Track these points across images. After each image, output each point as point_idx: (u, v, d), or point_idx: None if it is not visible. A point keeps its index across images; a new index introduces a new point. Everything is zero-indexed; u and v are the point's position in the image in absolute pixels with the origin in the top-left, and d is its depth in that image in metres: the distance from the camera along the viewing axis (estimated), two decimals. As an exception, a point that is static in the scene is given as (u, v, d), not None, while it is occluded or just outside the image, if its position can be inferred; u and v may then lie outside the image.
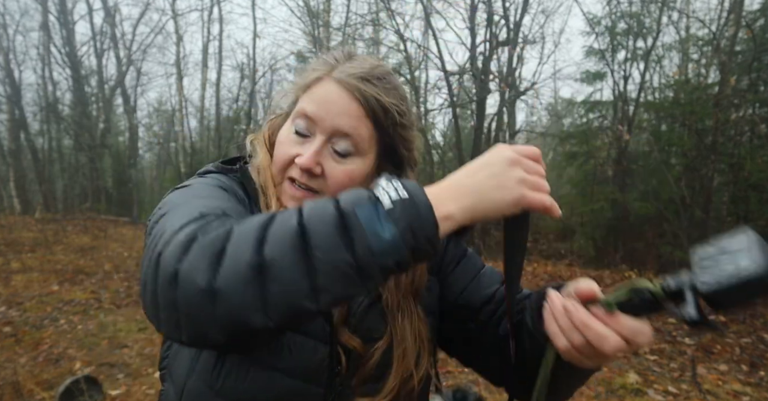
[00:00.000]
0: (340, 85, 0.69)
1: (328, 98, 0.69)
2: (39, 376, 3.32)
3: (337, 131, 0.69)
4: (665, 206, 7.80)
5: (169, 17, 17.40)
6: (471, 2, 9.68)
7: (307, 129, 0.71)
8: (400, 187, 0.51)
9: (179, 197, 0.66)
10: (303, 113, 0.71)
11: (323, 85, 0.71)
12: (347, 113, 0.69)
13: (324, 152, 0.70)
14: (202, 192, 0.68)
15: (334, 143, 0.70)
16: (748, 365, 3.50)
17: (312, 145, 0.70)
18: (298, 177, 0.70)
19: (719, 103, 7.20)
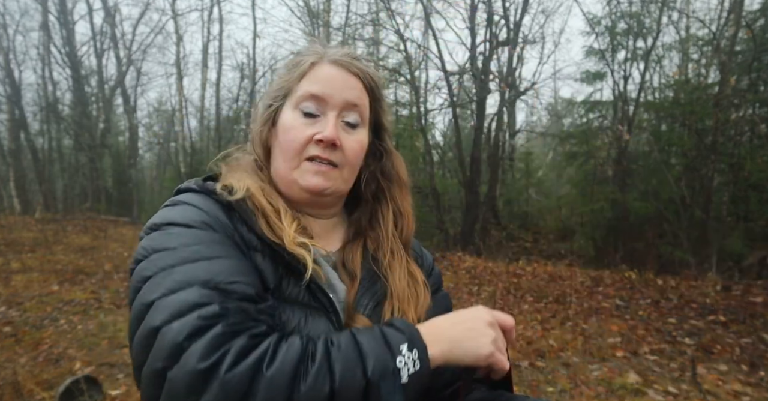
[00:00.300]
0: (338, 64, 0.76)
1: (331, 77, 0.75)
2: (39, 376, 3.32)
3: (347, 103, 0.75)
4: (665, 206, 7.81)
5: (169, 17, 17.40)
6: (471, 2, 9.69)
7: (317, 109, 0.75)
8: (416, 357, 0.60)
9: (168, 259, 0.61)
10: (310, 94, 0.74)
11: (321, 68, 0.75)
12: (352, 86, 0.76)
13: (338, 126, 0.75)
14: (195, 252, 0.62)
15: (344, 116, 0.76)
16: (748, 365, 3.49)
17: (328, 120, 0.74)
18: (321, 153, 0.73)
19: (719, 103, 7.20)
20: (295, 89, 0.76)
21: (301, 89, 0.75)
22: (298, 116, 0.75)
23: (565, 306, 5.13)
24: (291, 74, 0.77)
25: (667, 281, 6.11)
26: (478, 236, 9.62)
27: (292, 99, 0.76)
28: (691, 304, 5.01)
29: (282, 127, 0.76)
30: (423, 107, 10.92)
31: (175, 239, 0.64)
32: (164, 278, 0.59)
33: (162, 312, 0.56)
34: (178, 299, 0.56)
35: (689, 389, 3.14)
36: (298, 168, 0.74)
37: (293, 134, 0.74)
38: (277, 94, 0.78)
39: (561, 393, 3.12)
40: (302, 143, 0.74)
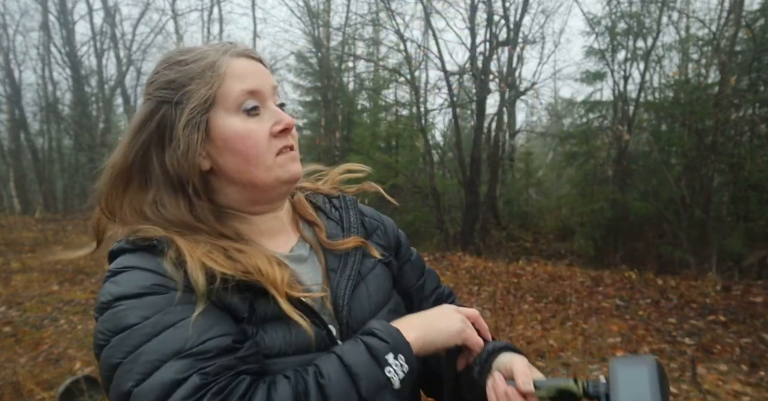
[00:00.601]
0: (243, 56, 0.72)
1: (252, 68, 0.72)
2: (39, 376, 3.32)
3: (274, 88, 0.74)
4: (665, 206, 7.81)
5: (169, 17, 17.41)
6: (471, 2, 9.69)
7: (258, 102, 0.71)
8: (403, 361, 0.65)
9: (130, 340, 0.57)
10: (246, 91, 0.70)
11: (236, 64, 0.71)
12: (266, 72, 0.74)
13: None
14: (156, 323, 0.58)
15: (276, 102, 0.74)
16: (748, 365, 3.49)
17: (273, 109, 0.72)
18: (287, 142, 0.73)
19: (719, 103, 7.20)
20: (221, 94, 0.68)
21: (234, 90, 0.69)
22: (244, 118, 0.69)
23: (565, 306, 5.13)
24: (206, 80, 0.68)
25: (667, 281, 6.11)
26: (478, 236, 9.62)
27: (225, 104, 0.69)
28: (691, 304, 5.01)
29: (232, 137, 0.68)
30: (423, 107, 10.92)
31: (131, 316, 0.58)
32: (133, 363, 0.56)
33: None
34: (155, 384, 0.54)
35: (689, 389, 3.14)
36: (275, 165, 0.71)
37: (254, 138, 0.69)
38: (199, 107, 0.68)
39: (561, 393, 3.12)
40: (266, 144, 0.70)
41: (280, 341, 0.65)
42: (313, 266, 0.78)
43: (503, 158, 11.99)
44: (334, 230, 0.82)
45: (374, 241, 0.86)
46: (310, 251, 0.79)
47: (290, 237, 0.80)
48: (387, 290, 0.81)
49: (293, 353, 0.66)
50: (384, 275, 0.82)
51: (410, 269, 0.91)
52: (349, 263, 0.78)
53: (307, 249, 0.79)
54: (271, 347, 0.65)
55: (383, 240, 0.88)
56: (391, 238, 0.90)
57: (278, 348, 0.65)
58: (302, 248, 0.79)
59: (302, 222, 0.83)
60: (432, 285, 0.93)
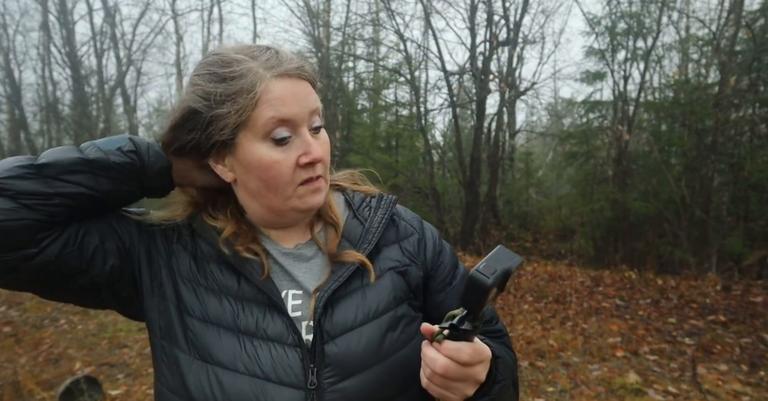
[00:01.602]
0: (284, 77, 0.69)
1: (289, 93, 0.68)
2: (39, 376, 3.32)
3: (312, 112, 0.72)
4: (665, 206, 7.80)
5: (169, 17, 17.40)
6: (471, 2, 9.68)
7: (289, 132, 0.69)
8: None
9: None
10: (278, 120, 0.68)
11: (272, 87, 0.67)
12: (308, 92, 0.71)
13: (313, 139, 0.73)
14: None
15: (311, 125, 0.72)
16: (748, 365, 3.49)
17: (305, 139, 0.71)
18: (312, 174, 0.72)
19: (719, 103, 7.20)
20: (252, 119, 0.67)
21: (263, 117, 0.67)
22: (271, 147, 0.69)
23: (565, 306, 5.13)
24: (238, 102, 0.67)
25: (667, 281, 6.11)
26: (478, 236, 9.61)
27: (254, 130, 0.68)
28: (691, 304, 5.01)
29: (255, 163, 0.69)
30: (423, 107, 10.92)
31: None
32: None
33: None
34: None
35: (689, 389, 3.14)
36: (294, 196, 0.72)
37: (277, 168, 0.69)
38: (225, 126, 0.68)
39: (561, 393, 3.12)
40: (290, 174, 0.70)
41: (253, 321, 0.70)
42: (316, 267, 0.77)
43: (503, 158, 11.98)
44: (354, 232, 0.80)
45: (402, 247, 0.82)
46: (316, 252, 0.79)
47: (300, 235, 0.80)
48: (387, 301, 0.76)
49: (260, 337, 0.70)
50: (389, 286, 0.77)
51: (451, 295, 0.83)
52: (343, 268, 0.75)
53: (314, 250, 0.79)
54: (247, 325, 0.70)
55: (412, 248, 0.83)
56: (426, 251, 0.84)
57: (252, 329, 0.70)
58: (308, 248, 0.79)
59: (321, 223, 0.82)
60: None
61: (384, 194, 0.87)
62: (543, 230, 11.21)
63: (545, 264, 7.96)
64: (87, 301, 0.75)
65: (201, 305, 0.71)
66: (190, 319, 0.71)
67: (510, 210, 12.28)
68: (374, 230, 0.80)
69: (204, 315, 0.71)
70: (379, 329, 0.73)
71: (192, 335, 0.70)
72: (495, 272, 0.54)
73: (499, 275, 0.54)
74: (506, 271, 0.55)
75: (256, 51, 0.70)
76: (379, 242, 0.79)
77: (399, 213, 0.86)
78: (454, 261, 0.87)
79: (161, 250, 0.75)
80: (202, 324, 0.70)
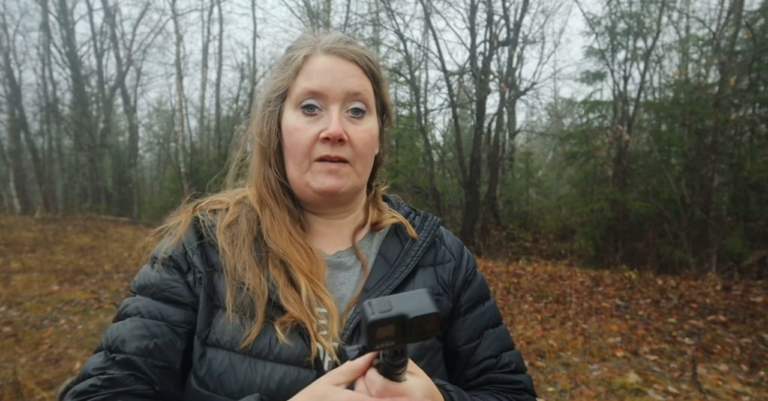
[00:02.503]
0: (331, 53, 0.71)
1: (326, 67, 0.70)
2: (39, 376, 3.32)
3: (349, 92, 0.70)
4: (665, 206, 7.80)
5: (169, 17, 17.39)
6: (471, 2, 9.68)
7: (319, 104, 0.70)
8: None
9: (119, 326, 0.69)
10: (308, 90, 0.70)
11: (316, 60, 0.71)
12: (351, 74, 0.71)
13: (343, 119, 0.71)
14: (125, 328, 0.68)
15: (348, 107, 0.71)
16: (748, 365, 3.50)
17: (331, 115, 0.70)
18: (329, 152, 0.70)
19: (719, 103, 7.20)
20: (292, 88, 0.72)
21: (299, 86, 0.71)
22: (299, 116, 0.71)
23: (565, 306, 5.13)
24: (285, 72, 0.73)
25: (667, 281, 6.11)
26: (478, 236, 9.62)
27: (291, 98, 0.72)
28: (691, 304, 5.01)
29: (286, 129, 0.72)
30: (423, 107, 10.92)
31: (122, 317, 0.72)
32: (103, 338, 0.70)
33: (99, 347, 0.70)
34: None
35: (689, 389, 3.14)
36: (309, 170, 0.71)
37: (297, 135, 0.71)
38: (275, 94, 0.74)
39: (561, 393, 3.12)
40: (308, 144, 0.70)
41: (267, 342, 0.66)
42: (354, 278, 0.75)
43: (503, 158, 11.99)
44: (393, 250, 0.77)
45: (437, 273, 0.79)
46: (355, 261, 0.76)
47: (342, 241, 0.78)
48: None
49: (273, 360, 0.65)
50: None
51: (461, 327, 0.79)
52: (381, 288, 0.72)
53: (354, 259, 0.77)
54: (260, 348, 0.65)
55: (447, 276, 0.79)
56: (457, 279, 0.80)
57: (265, 352, 0.65)
58: (348, 256, 0.77)
59: (365, 234, 0.80)
60: (486, 352, 0.78)
61: (429, 214, 0.85)
62: (543, 230, 11.21)
63: (545, 264, 7.96)
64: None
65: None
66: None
67: (510, 210, 12.28)
68: (413, 252, 0.77)
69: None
70: None
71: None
72: (387, 311, 0.47)
73: (390, 317, 0.47)
74: (401, 316, 0.47)
75: (329, 33, 0.74)
76: (416, 264, 0.77)
77: (441, 236, 0.84)
78: (480, 294, 0.82)
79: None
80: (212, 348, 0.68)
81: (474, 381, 0.78)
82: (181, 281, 0.70)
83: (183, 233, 0.74)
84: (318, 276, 0.70)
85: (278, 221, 0.73)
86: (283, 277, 0.69)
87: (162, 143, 21.35)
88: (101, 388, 0.64)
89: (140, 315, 0.69)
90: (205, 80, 17.38)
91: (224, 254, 0.71)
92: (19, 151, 17.71)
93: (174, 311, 0.69)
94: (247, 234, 0.73)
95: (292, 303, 0.67)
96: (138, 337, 0.66)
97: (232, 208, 0.77)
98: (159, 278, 0.71)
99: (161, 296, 0.70)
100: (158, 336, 0.67)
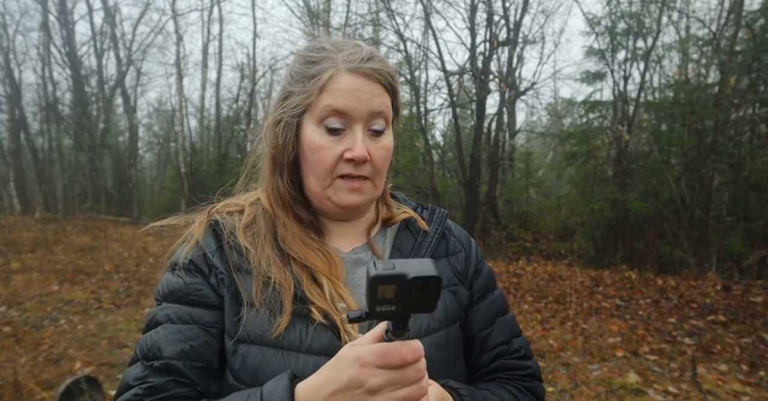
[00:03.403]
0: (356, 73, 0.72)
1: (352, 88, 0.71)
2: (39, 376, 3.32)
3: (372, 113, 0.72)
4: (665, 206, 7.80)
5: (169, 17, 17.40)
6: (471, 2, 9.69)
7: (342, 124, 0.72)
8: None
9: (152, 335, 0.70)
10: (333, 109, 0.71)
11: (341, 79, 0.72)
12: (375, 94, 0.72)
13: (365, 138, 0.73)
14: (163, 336, 0.69)
15: (370, 126, 0.73)
16: (748, 365, 3.50)
17: (355, 136, 0.72)
18: (352, 171, 0.72)
19: (719, 103, 7.21)
20: (315, 103, 0.72)
21: (323, 104, 0.72)
22: (323, 133, 0.72)
23: (565, 305, 5.13)
24: (308, 87, 0.73)
25: (667, 281, 6.11)
26: (478, 236, 9.62)
27: (314, 114, 0.73)
28: (691, 304, 5.01)
29: (308, 145, 0.73)
30: (423, 107, 10.92)
31: (157, 323, 0.73)
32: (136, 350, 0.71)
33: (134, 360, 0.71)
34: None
35: (689, 389, 3.14)
36: (331, 186, 0.74)
37: (322, 154, 0.72)
38: (297, 107, 0.74)
39: (561, 393, 3.12)
40: (332, 163, 0.72)
41: (297, 336, 0.68)
42: None
43: (503, 158, 11.99)
44: (407, 244, 0.80)
45: (451, 263, 0.82)
46: (371, 257, 0.79)
47: (358, 238, 0.81)
48: (438, 320, 0.74)
49: (305, 351, 0.68)
50: (441, 305, 0.75)
51: (475, 316, 0.82)
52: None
53: (370, 254, 0.79)
54: (291, 340, 0.68)
55: (460, 265, 0.83)
56: (469, 268, 0.84)
57: (297, 345, 0.67)
58: (364, 252, 0.80)
59: (378, 226, 0.83)
60: (498, 338, 0.82)
61: (436, 208, 0.88)
62: (543, 230, 11.21)
63: (545, 264, 7.97)
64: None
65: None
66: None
67: (510, 210, 12.28)
68: (427, 244, 0.81)
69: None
70: (429, 348, 0.68)
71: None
72: (390, 269, 0.48)
73: (392, 274, 0.47)
74: (401, 275, 0.47)
75: (346, 45, 0.74)
76: (431, 256, 0.79)
77: (450, 228, 0.87)
78: (489, 284, 0.86)
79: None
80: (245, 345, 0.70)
81: (489, 366, 0.81)
82: (204, 284, 0.72)
83: (201, 237, 0.75)
84: (337, 276, 0.73)
85: (290, 230, 0.76)
86: (305, 273, 0.72)
87: (162, 143, 21.37)
88: (144, 396, 0.65)
89: (171, 321, 0.70)
90: (205, 80, 17.39)
91: (248, 252, 0.73)
92: (19, 151, 17.71)
93: (204, 313, 0.71)
94: (267, 233, 0.75)
95: (316, 296, 0.69)
96: (173, 342, 0.68)
97: (247, 209, 0.79)
98: (183, 283, 0.72)
99: (188, 301, 0.71)
100: (193, 338, 0.69)
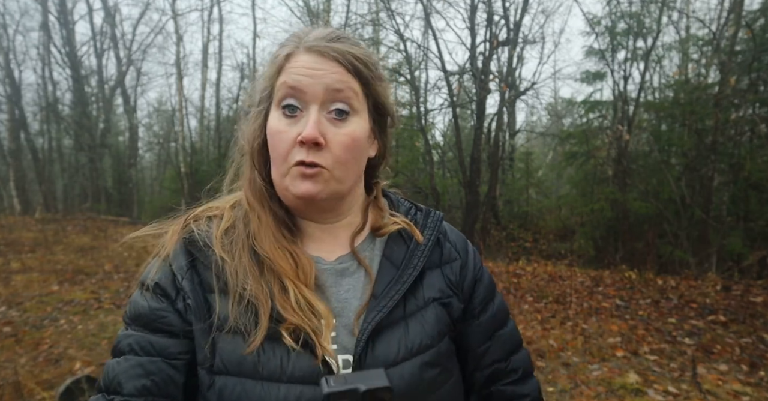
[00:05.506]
0: (312, 50, 0.67)
1: (307, 65, 0.66)
2: (39, 376, 3.32)
3: (329, 90, 0.66)
4: (665, 206, 7.81)
5: (169, 17, 17.39)
6: (471, 2, 9.69)
7: (297, 102, 0.66)
8: None
9: (114, 366, 0.67)
10: (287, 86, 0.66)
11: (296, 58, 0.67)
12: (331, 71, 0.66)
13: (322, 121, 0.66)
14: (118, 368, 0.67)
15: (328, 108, 0.67)
16: (748, 365, 3.50)
17: (307, 116, 0.66)
18: (305, 157, 0.65)
19: (719, 103, 7.21)
20: (275, 86, 0.68)
21: (279, 83, 0.67)
22: (280, 117, 0.67)
23: (565, 306, 5.13)
24: (270, 70, 0.70)
25: (667, 281, 6.11)
26: (478, 236, 9.62)
27: (275, 98, 0.68)
28: (691, 304, 5.01)
29: (269, 131, 0.68)
30: (423, 107, 10.93)
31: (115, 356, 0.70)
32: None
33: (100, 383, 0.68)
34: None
35: (689, 389, 3.14)
36: (288, 174, 0.67)
37: (278, 138, 0.67)
38: (262, 94, 0.71)
39: (561, 393, 3.12)
40: (287, 148, 0.66)
41: (277, 363, 0.63)
42: (359, 284, 0.71)
43: (503, 158, 11.99)
44: (398, 251, 0.74)
45: (444, 273, 0.75)
46: (358, 266, 0.73)
47: (341, 246, 0.75)
48: (431, 336, 0.69)
49: (287, 381, 0.62)
50: (433, 319, 0.70)
51: (473, 330, 0.76)
52: (391, 294, 0.68)
53: (356, 264, 0.73)
54: (272, 369, 0.63)
55: (454, 276, 0.76)
56: (465, 278, 0.77)
57: (277, 375, 0.62)
58: (349, 261, 0.73)
59: (364, 234, 0.76)
60: (495, 355, 0.76)
61: (431, 210, 0.81)
62: (543, 230, 11.22)
63: (545, 264, 7.97)
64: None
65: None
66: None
67: (510, 210, 12.29)
68: (420, 253, 0.73)
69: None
70: (420, 366, 0.66)
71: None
72: (342, 384, 0.54)
73: (346, 390, 0.53)
74: (353, 390, 0.53)
75: (318, 30, 0.70)
76: (423, 266, 0.73)
77: (445, 232, 0.80)
78: (489, 293, 0.80)
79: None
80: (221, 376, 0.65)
81: (482, 390, 0.77)
82: (170, 310, 0.67)
83: (171, 252, 0.70)
84: (304, 280, 0.67)
85: (264, 225, 0.70)
86: (276, 281, 0.66)
87: (162, 143, 21.37)
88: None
89: (134, 352, 0.66)
90: (205, 80, 17.38)
91: (225, 264, 0.67)
92: (19, 151, 17.71)
93: (169, 342, 0.66)
94: (246, 239, 0.69)
95: (288, 310, 0.64)
96: (134, 377, 0.64)
97: (227, 213, 0.73)
98: (148, 307, 0.68)
99: (152, 328, 0.67)
100: (155, 372, 0.65)
